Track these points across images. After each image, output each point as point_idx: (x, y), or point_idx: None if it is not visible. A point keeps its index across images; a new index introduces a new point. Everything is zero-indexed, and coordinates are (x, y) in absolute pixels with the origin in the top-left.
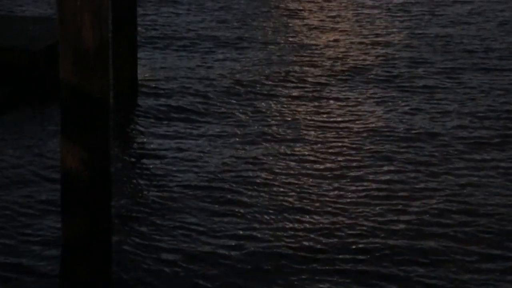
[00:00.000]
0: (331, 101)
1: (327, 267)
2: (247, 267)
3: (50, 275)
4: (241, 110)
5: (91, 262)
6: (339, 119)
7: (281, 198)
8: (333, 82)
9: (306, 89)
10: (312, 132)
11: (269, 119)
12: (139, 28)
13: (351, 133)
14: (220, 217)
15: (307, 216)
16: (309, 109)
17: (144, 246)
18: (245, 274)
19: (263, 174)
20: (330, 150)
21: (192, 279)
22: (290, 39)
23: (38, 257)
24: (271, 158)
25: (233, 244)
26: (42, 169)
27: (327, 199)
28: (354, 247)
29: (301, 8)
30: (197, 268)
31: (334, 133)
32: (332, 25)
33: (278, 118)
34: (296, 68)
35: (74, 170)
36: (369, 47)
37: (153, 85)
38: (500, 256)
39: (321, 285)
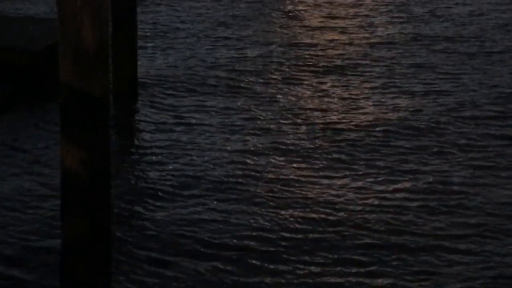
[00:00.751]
0: (331, 101)
1: (331, 260)
2: (249, 265)
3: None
4: (241, 110)
5: (91, 262)
6: (339, 118)
7: (284, 195)
8: (332, 82)
9: (305, 89)
10: (312, 131)
11: (269, 118)
12: (139, 28)
13: (351, 133)
14: (221, 218)
15: (308, 212)
16: (308, 109)
17: (144, 245)
18: (247, 273)
19: (265, 170)
20: (330, 149)
21: (192, 279)
22: (290, 39)
23: (35, 259)
24: (271, 155)
25: (234, 243)
26: (41, 169)
27: (326, 196)
28: (355, 241)
29: (300, 8)
30: (197, 268)
31: (334, 132)
32: (331, 25)
33: (278, 117)
34: (296, 68)
35: (74, 170)
36: (369, 47)
37: (153, 85)
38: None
39: (325, 278)
